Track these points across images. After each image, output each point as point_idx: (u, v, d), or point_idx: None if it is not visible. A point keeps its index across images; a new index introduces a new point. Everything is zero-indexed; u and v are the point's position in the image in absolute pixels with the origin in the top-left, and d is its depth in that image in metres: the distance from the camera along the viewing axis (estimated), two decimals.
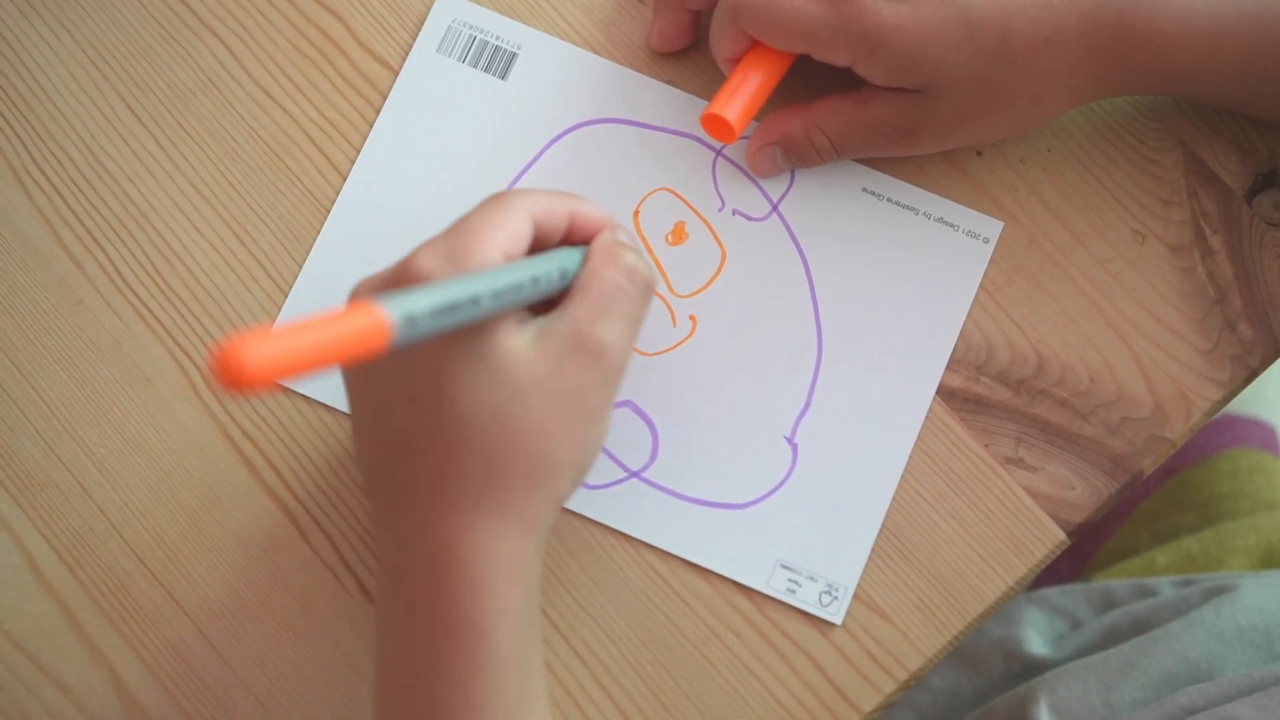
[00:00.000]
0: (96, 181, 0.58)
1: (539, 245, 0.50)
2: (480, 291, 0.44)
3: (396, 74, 0.59)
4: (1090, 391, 0.56)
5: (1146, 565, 0.74)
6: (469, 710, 0.46)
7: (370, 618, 0.55)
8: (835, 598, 0.55)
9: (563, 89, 0.59)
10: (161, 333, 0.57)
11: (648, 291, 0.50)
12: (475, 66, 0.59)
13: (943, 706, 0.68)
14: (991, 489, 0.55)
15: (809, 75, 0.55)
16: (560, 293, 0.49)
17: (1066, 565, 0.80)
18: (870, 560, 0.55)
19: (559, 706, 0.54)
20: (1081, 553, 0.81)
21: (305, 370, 0.38)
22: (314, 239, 0.58)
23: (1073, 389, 0.56)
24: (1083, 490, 0.55)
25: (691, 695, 0.54)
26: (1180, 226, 0.57)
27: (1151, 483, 0.81)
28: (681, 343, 0.57)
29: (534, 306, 0.49)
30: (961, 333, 0.56)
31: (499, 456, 0.46)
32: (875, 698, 0.54)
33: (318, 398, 0.56)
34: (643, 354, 0.57)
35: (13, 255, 0.58)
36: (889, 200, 0.57)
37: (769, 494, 0.55)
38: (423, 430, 0.47)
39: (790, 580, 0.55)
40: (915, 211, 0.57)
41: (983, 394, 0.56)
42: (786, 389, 0.56)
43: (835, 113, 0.55)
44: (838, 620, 0.54)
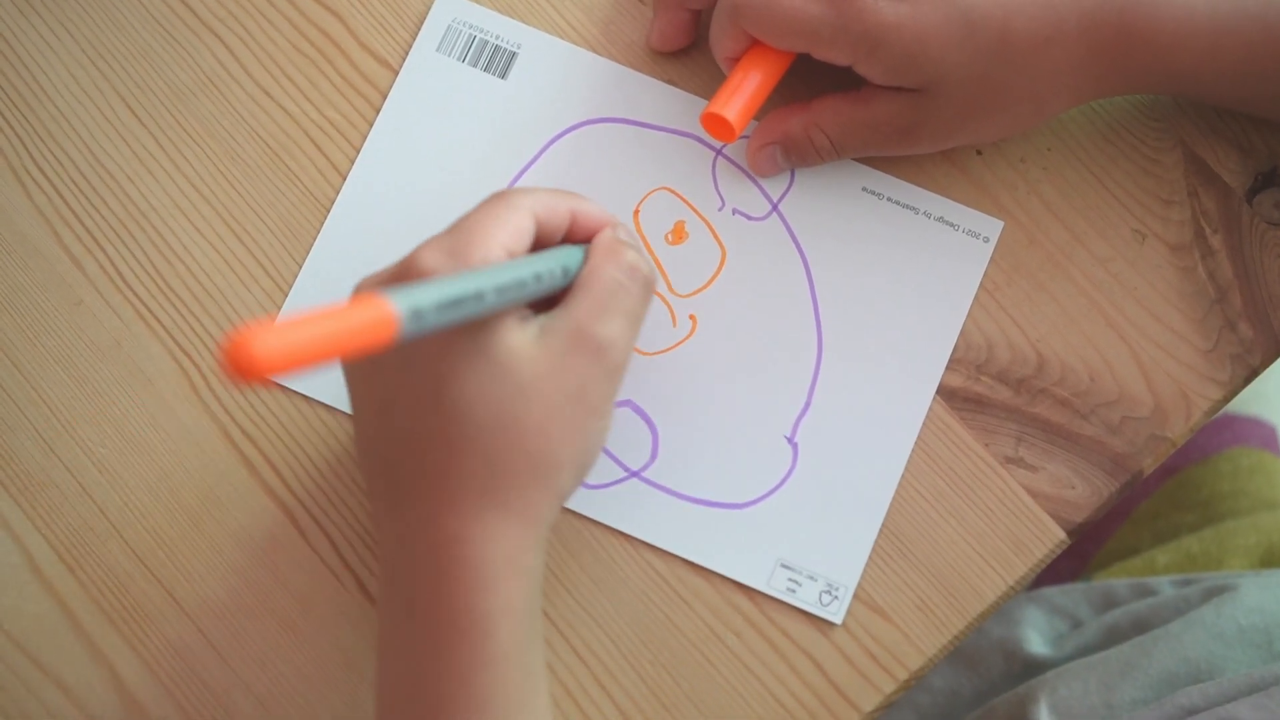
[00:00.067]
0: (96, 181, 0.58)
1: (540, 243, 0.50)
2: (484, 287, 0.44)
3: (396, 73, 0.59)
4: (1090, 391, 0.56)
5: (1147, 565, 0.74)
6: (471, 707, 0.46)
7: (370, 617, 0.55)
8: (835, 597, 0.55)
9: (563, 88, 0.59)
10: (161, 332, 0.57)
11: (648, 289, 0.50)
12: (475, 66, 0.59)
13: (943, 706, 0.68)
14: (992, 488, 0.55)
15: (809, 74, 0.55)
16: (561, 291, 0.49)
17: (1067, 565, 0.80)
18: (870, 560, 0.55)
19: (559, 706, 0.54)
20: (1082, 552, 0.81)
21: (313, 362, 0.38)
22: (314, 238, 0.58)
23: (1073, 388, 0.56)
24: (1083, 490, 0.55)
25: (691, 695, 0.54)
26: (1180, 226, 0.57)
27: (1152, 482, 0.81)
28: (682, 342, 0.57)
29: (534, 305, 0.49)
30: (961, 332, 0.56)
31: (501, 453, 0.46)
32: (875, 697, 0.54)
33: (317, 397, 0.56)
34: (643, 353, 0.56)
35: (13, 255, 0.58)
36: (889, 199, 0.57)
37: (769, 493, 0.55)
38: (424, 427, 0.47)
39: (790, 580, 0.55)
40: (915, 211, 0.57)
41: (983, 393, 0.56)
42: (786, 388, 0.56)
43: (835, 112, 0.55)
44: (838, 620, 0.54)
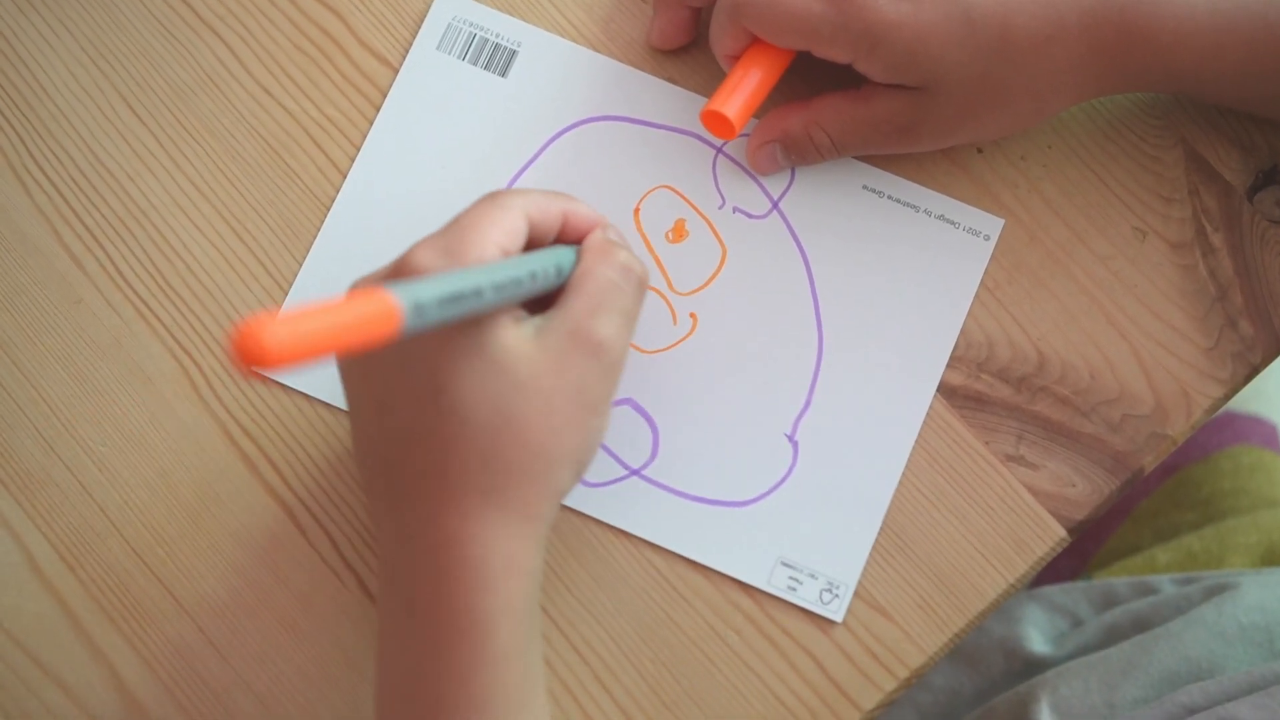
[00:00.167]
0: (96, 180, 0.58)
1: (533, 243, 0.50)
2: (482, 284, 0.44)
3: (396, 72, 0.59)
4: (1091, 389, 0.56)
5: (1147, 563, 0.74)
6: (470, 706, 0.46)
7: (370, 616, 0.55)
8: (836, 595, 0.54)
9: (563, 86, 0.58)
10: (161, 331, 0.57)
11: (641, 288, 0.50)
12: (475, 64, 0.59)
13: (943, 705, 0.68)
14: (992, 486, 0.55)
15: (809, 72, 0.55)
16: (554, 291, 0.49)
17: (1067, 563, 0.80)
18: (871, 558, 0.55)
19: (559, 704, 0.54)
20: (1082, 551, 0.81)
21: (318, 354, 0.38)
22: (314, 237, 0.58)
23: (1073, 386, 0.56)
24: (1084, 488, 0.55)
25: (692, 693, 0.54)
26: (1181, 224, 0.57)
27: (1152, 480, 0.81)
28: (682, 341, 0.57)
29: (527, 306, 0.49)
30: (962, 330, 0.56)
31: (500, 451, 0.46)
32: (876, 695, 0.54)
33: (317, 395, 0.56)
34: (643, 352, 0.56)
35: (12, 253, 0.58)
36: (889, 198, 0.57)
37: (769, 492, 0.55)
38: (423, 426, 0.47)
39: (791, 578, 0.55)
40: (916, 209, 0.57)
41: (983, 391, 0.56)
42: (787, 387, 0.56)
43: (835, 110, 0.55)
44: (838, 618, 0.54)
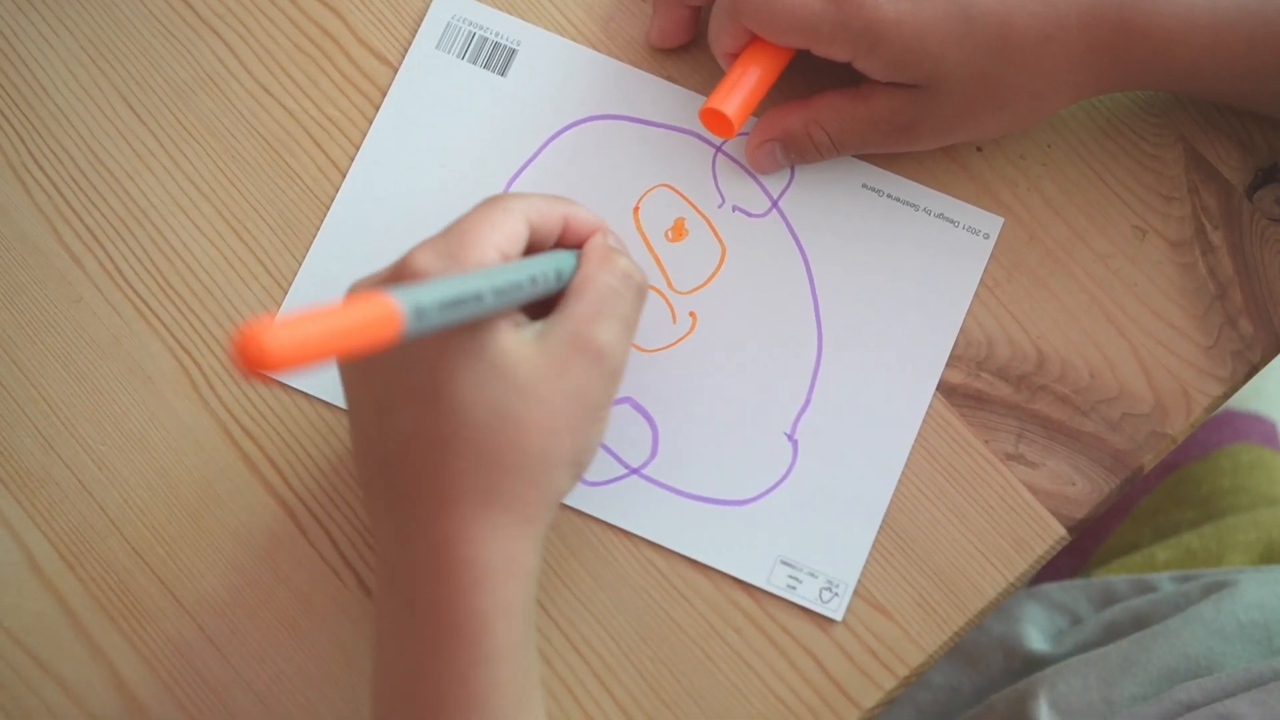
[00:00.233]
0: (96, 179, 0.58)
1: (533, 247, 0.50)
2: (482, 288, 0.44)
3: (396, 71, 0.59)
4: (1091, 387, 0.56)
5: (1147, 561, 0.74)
6: (468, 705, 0.46)
7: (370, 615, 0.55)
8: (835, 594, 0.55)
9: (562, 85, 0.58)
10: (161, 330, 0.57)
11: (641, 295, 0.51)
12: (474, 63, 0.59)
13: (943, 703, 0.68)
14: (992, 485, 0.55)
15: (808, 71, 0.55)
16: (554, 296, 0.49)
17: (1067, 561, 0.80)
18: (871, 556, 0.55)
19: (559, 703, 0.54)
20: (1082, 549, 0.81)
21: (319, 357, 0.38)
22: (314, 236, 0.58)
23: (1073, 385, 0.56)
24: (1083, 486, 0.55)
25: (691, 691, 0.54)
26: (1181, 222, 0.57)
27: (1152, 478, 0.81)
28: (681, 339, 0.57)
29: (527, 310, 0.49)
30: (962, 329, 0.56)
31: (499, 453, 0.46)
32: (876, 694, 0.54)
33: (317, 394, 0.56)
34: (643, 350, 0.56)
35: (12, 252, 0.58)
36: (889, 196, 0.57)
37: (769, 490, 0.55)
38: (423, 428, 0.47)
39: (790, 576, 0.55)
40: (915, 208, 0.57)
41: (983, 390, 0.56)
42: (786, 385, 0.56)
43: (834, 109, 0.55)
44: (838, 616, 0.54)
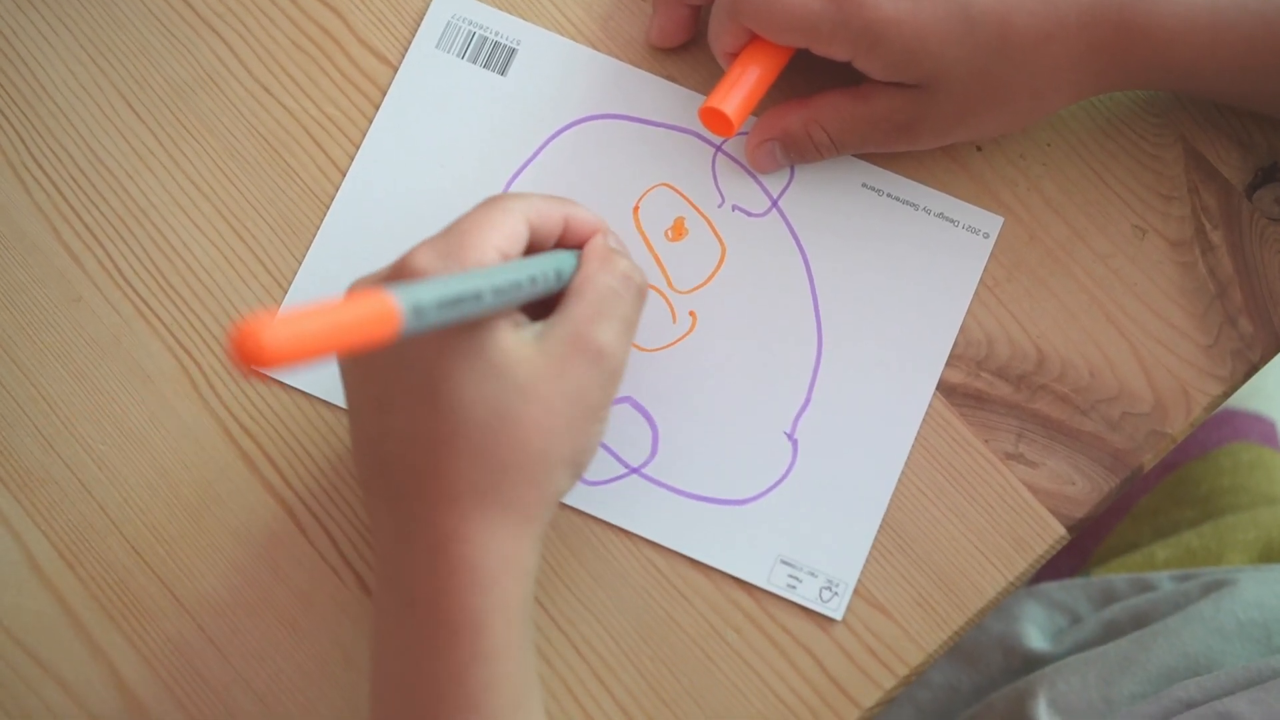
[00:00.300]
0: (95, 178, 0.58)
1: (533, 248, 0.50)
2: (482, 287, 0.44)
3: (396, 70, 0.59)
4: (1090, 387, 0.56)
5: (1146, 560, 0.74)
6: (466, 704, 0.46)
7: (369, 614, 0.55)
8: (835, 593, 0.55)
9: (562, 85, 0.58)
10: (160, 329, 0.57)
11: (641, 296, 0.51)
12: (474, 62, 0.59)
13: (942, 702, 0.68)
14: (992, 484, 0.55)
15: (808, 70, 0.55)
16: (554, 296, 0.49)
17: (1066, 560, 0.80)
18: (870, 556, 0.55)
19: (558, 702, 0.54)
20: (1081, 548, 0.81)
21: (317, 354, 0.38)
22: (313, 235, 0.58)
23: (1073, 384, 0.56)
24: (1083, 485, 0.55)
25: (691, 691, 0.54)
26: (1181, 222, 0.57)
27: (1151, 478, 0.81)
28: (681, 339, 0.57)
29: (527, 311, 0.49)
30: (961, 328, 0.56)
31: (498, 452, 0.46)
32: (875, 693, 0.54)
33: (317, 393, 0.56)
34: (642, 350, 0.56)
35: (12, 251, 0.58)
36: (889, 196, 0.57)
37: (769, 490, 0.55)
38: (422, 426, 0.47)
39: (790, 576, 0.55)
40: (915, 207, 0.57)
41: (983, 389, 0.56)
42: (786, 385, 0.56)
43: (834, 108, 0.55)
44: (838, 616, 0.54)
